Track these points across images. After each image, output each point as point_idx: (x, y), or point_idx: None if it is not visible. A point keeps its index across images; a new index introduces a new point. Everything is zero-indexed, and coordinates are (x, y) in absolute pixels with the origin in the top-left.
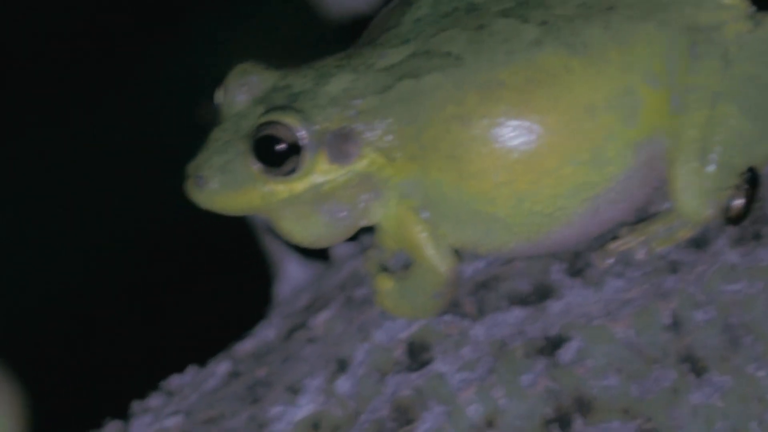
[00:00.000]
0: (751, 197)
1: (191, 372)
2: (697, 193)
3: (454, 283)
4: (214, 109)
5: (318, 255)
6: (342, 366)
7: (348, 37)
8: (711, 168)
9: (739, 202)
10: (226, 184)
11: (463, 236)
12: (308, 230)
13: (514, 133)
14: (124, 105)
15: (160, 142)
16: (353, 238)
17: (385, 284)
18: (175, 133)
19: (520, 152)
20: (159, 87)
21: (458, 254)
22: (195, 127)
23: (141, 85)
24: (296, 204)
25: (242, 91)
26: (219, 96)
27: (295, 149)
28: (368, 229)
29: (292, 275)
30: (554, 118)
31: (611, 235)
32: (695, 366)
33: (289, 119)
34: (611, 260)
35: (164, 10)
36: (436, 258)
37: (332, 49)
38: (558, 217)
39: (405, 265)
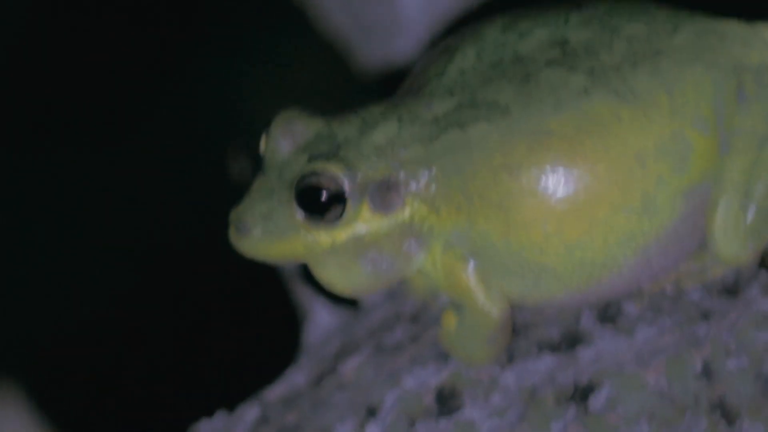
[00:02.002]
0: None
1: (220, 417)
2: (736, 237)
3: (506, 327)
4: (249, 154)
5: (347, 300)
6: (372, 412)
7: (381, 85)
8: (752, 213)
9: None
10: (269, 232)
11: (511, 287)
12: (350, 279)
13: (563, 183)
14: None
15: (190, 187)
16: None
17: (450, 323)
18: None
19: (570, 202)
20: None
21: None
22: (226, 174)
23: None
24: (339, 253)
25: (286, 139)
26: (263, 143)
27: (338, 198)
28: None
29: (321, 321)
30: (604, 166)
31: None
32: (727, 414)
33: (333, 169)
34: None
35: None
36: (486, 303)
37: (366, 97)
38: (608, 267)
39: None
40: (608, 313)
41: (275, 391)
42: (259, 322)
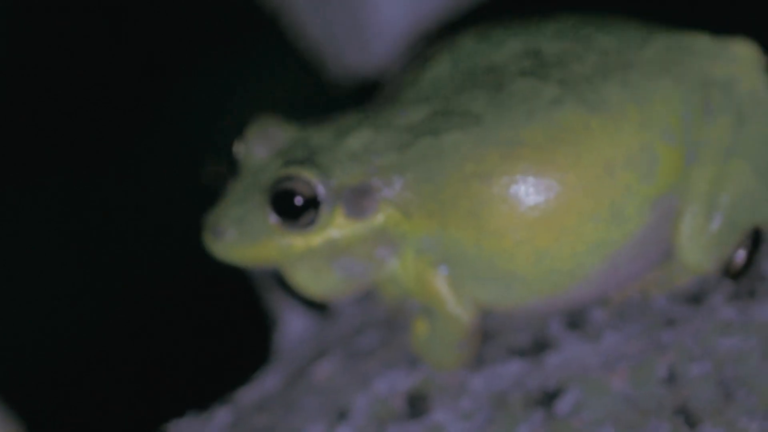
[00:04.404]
0: (752, 255)
1: (191, 418)
2: (701, 246)
3: (476, 333)
4: (224, 161)
5: (319, 305)
6: (342, 415)
7: (356, 94)
8: (716, 223)
9: (740, 258)
10: (243, 236)
11: (482, 293)
12: (323, 284)
13: (533, 191)
14: (133, 161)
15: (166, 197)
16: None
17: (421, 330)
18: (182, 188)
19: (540, 210)
20: (168, 143)
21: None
22: (202, 182)
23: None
24: (312, 257)
25: (261, 144)
26: (238, 148)
27: (312, 203)
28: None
29: (293, 325)
30: (574, 176)
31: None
32: (689, 418)
33: (307, 173)
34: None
35: (172, 67)
36: (457, 309)
37: (341, 106)
38: (577, 275)
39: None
40: (576, 320)
41: (247, 394)
42: (232, 325)
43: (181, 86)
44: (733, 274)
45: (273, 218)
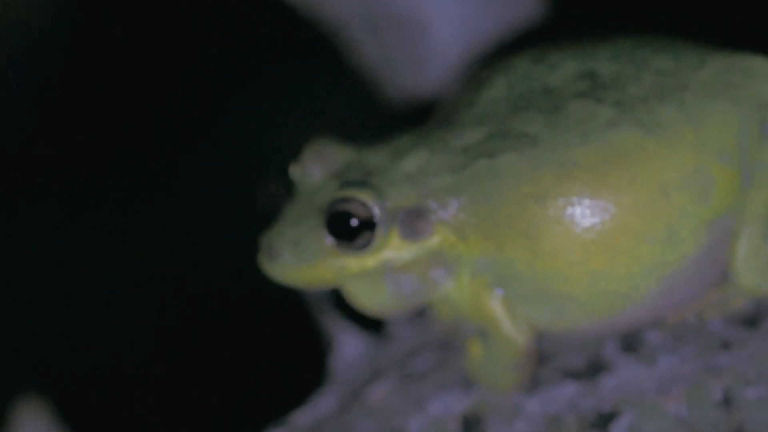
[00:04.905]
0: None
1: None
2: (758, 268)
3: (531, 355)
4: (280, 183)
5: (375, 327)
6: None
7: (411, 116)
8: None
9: None
10: (298, 258)
11: (536, 315)
12: (377, 301)
13: (589, 213)
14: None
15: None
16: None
17: (476, 351)
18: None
19: (595, 232)
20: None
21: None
22: (258, 204)
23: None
24: (367, 277)
25: (317, 166)
26: (294, 170)
27: (368, 225)
28: None
29: (348, 347)
30: (629, 197)
31: None
32: None
33: (363, 196)
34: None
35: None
36: (512, 331)
37: (396, 128)
38: (632, 297)
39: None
40: (631, 342)
41: (302, 417)
42: (287, 348)
43: (237, 107)
44: None
45: (329, 240)
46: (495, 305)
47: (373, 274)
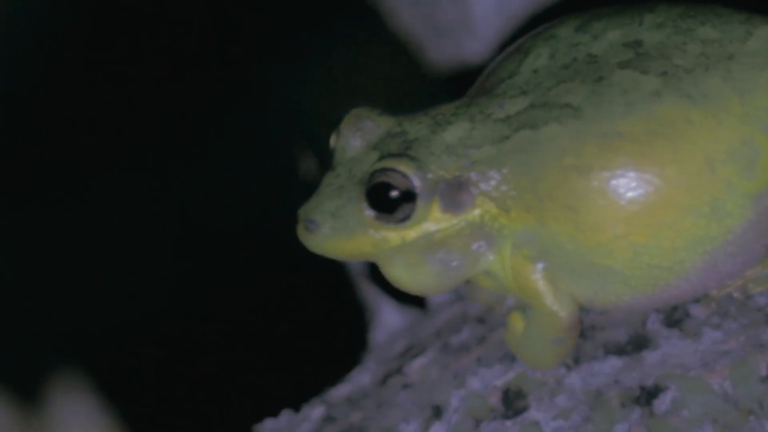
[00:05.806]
0: None
1: (285, 416)
2: None
3: (574, 328)
4: (318, 152)
5: (414, 301)
6: (437, 412)
7: (452, 85)
8: None
9: None
10: (337, 230)
11: (579, 289)
12: (418, 278)
13: (632, 185)
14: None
15: (260, 189)
16: None
17: (517, 325)
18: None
19: (639, 204)
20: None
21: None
22: (297, 174)
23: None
24: (407, 251)
25: (356, 136)
26: (333, 140)
27: (408, 197)
28: None
29: (388, 321)
30: (673, 170)
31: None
32: None
33: (403, 167)
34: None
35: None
36: (555, 304)
37: (437, 97)
38: (676, 271)
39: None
40: (675, 317)
41: (341, 391)
42: (326, 321)
43: (278, 77)
44: None
45: (368, 211)
46: (537, 278)
47: (414, 249)
